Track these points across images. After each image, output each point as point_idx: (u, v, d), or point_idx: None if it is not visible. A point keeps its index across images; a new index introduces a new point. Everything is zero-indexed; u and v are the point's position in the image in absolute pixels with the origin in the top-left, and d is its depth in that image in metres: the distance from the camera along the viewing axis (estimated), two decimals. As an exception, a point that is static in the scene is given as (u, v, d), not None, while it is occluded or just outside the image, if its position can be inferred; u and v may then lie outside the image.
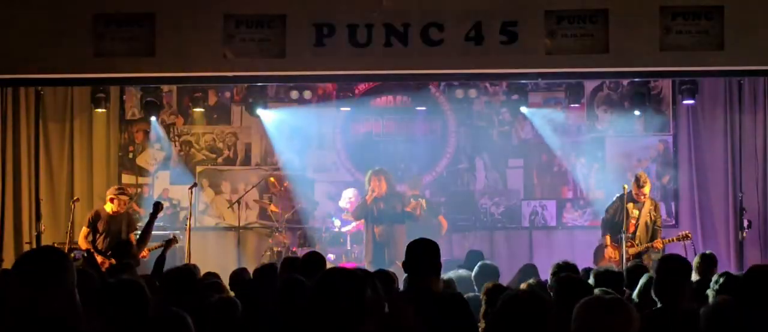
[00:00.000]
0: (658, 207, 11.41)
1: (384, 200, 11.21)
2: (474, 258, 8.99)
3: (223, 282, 7.03)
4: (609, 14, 9.74)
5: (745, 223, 11.78)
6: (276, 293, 5.22)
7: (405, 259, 5.10)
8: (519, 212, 13.41)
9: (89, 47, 9.90)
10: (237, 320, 5.01)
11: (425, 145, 13.44)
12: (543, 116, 13.09)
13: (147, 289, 4.00)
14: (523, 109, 12.86)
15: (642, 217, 11.13)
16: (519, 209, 13.42)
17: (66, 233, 10.99)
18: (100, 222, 10.77)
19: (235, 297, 5.66)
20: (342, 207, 12.53)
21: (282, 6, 9.90)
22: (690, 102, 12.52)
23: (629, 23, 9.74)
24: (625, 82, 12.75)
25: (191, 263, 7.96)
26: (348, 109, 13.06)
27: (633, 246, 10.93)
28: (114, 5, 9.94)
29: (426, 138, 13.49)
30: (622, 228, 10.85)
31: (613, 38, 9.73)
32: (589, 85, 13.07)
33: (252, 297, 6.03)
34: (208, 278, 6.97)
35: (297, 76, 10.91)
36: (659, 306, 5.06)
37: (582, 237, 12.45)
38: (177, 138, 13.52)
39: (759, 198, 12.75)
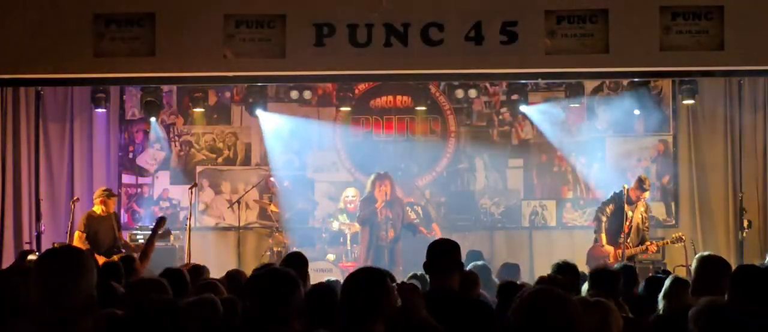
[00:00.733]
0: (648, 210, 11.41)
1: (388, 206, 11.18)
2: (473, 258, 8.98)
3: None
4: (609, 14, 9.74)
5: (745, 223, 11.79)
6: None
7: (426, 259, 5.06)
8: (519, 212, 13.41)
9: (89, 47, 9.90)
10: (215, 321, 4.96)
11: (425, 145, 13.44)
12: (542, 112, 13.05)
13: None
14: (523, 108, 12.84)
15: (635, 219, 11.14)
16: (519, 209, 13.42)
17: (66, 233, 10.99)
18: (92, 224, 10.78)
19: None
20: (341, 209, 12.50)
21: (282, 6, 9.90)
22: (690, 102, 12.52)
23: (629, 23, 9.74)
24: (625, 81, 12.75)
25: (198, 264, 7.92)
26: (348, 109, 13.07)
27: (629, 247, 10.93)
28: (114, 5, 9.94)
29: (426, 138, 13.49)
30: (620, 228, 10.86)
31: (613, 38, 9.72)
32: (589, 85, 13.07)
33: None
34: (199, 276, 6.93)
35: (297, 76, 10.91)
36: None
37: (582, 237, 12.43)
38: (177, 138, 13.52)
39: (759, 198, 12.75)
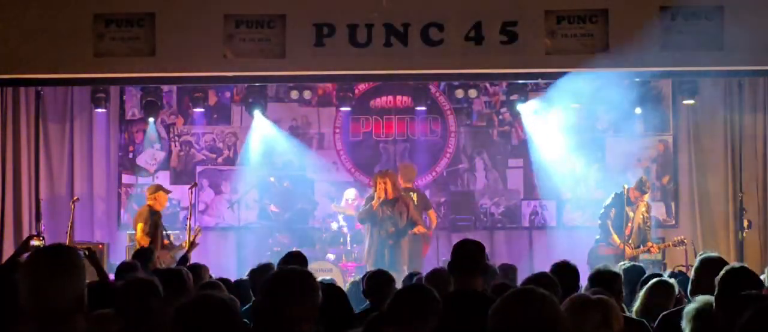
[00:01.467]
0: (650, 210, 11.40)
1: (390, 204, 11.14)
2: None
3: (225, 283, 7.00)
4: (609, 14, 9.74)
5: (745, 223, 11.79)
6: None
7: (450, 260, 5.06)
8: (519, 212, 13.41)
9: (89, 47, 9.91)
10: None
11: (425, 145, 13.44)
12: (534, 111, 12.86)
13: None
14: (520, 107, 12.66)
15: (636, 220, 11.14)
16: (519, 209, 13.42)
17: (66, 233, 10.99)
18: (154, 219, 10.95)
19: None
20: (340, 210, 12.49)
21: (282, 6, 9.91)
22: (690, 102, 12.52)
23: (629, 23, 9.75)
24: (625, 81, 12.73)
25: (198, 263, 7.92)
26: (348, 109, 13.07)
27: (630, 248, 10.93)
28: (114, 5, 9.94)
29: (426, 138, 13.49)
30: (621, 229, 10.86)
31: (613, 38, 9.73)
32: (589, 85, 13.04)
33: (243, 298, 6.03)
34: (198, 278, 6.93)
35: (297, 76, 10.91)
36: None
37: (582, 238, 12.43)
38: (177, 138, 13.52)
39: (759, 198, 12.75)
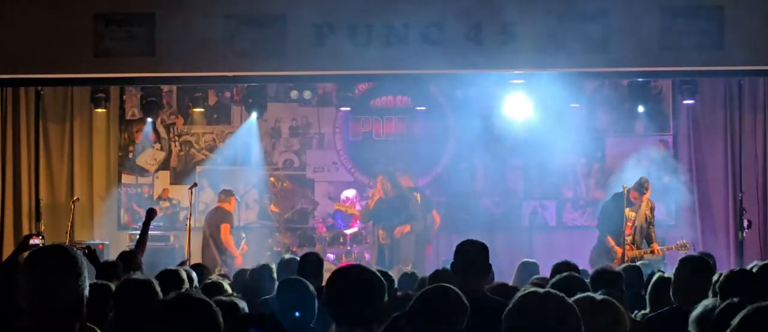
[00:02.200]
0: (653, 210, 11.39)
1: (388, 202, 11.17)
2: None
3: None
4: (609, 14, 9.74)
5: (745, 223, 11.78)
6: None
7: (453, 260, 5.04)
8: (519, 212, 13.41)
9: (89, 47, 9.90)
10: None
11: (425, 145, 13.44)
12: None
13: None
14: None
15: (638, 220, 11.13)
16: (519, 209, 13.42)
17: (66, 233, 11.00)
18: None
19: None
20: (338, 210, 12.52)
21: (282, 6, 9.91)
22: (690, 102, 12.52)
23: (629, 23, 9.74)
24: (625, 81, 12.75)
25: (196, 262, 7.93)
26: (348, 109, 13.07)
27: (632, 249, 10.93)
28: (114, 5, 9.94)
29: (426, 138, 13.48)
30: (619, 229, 10.87)
31: (613, 38, 9.73)
32: (589, 85, 13.06)
33: (248, 297, 6.02)
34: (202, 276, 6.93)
35: (297, 76, 10.91)
36: (675, 305, 5.07)
37: (582, 237, 12.43)
38: (177, 138, 13.52)
39: (759, 198, 12.75)
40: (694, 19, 9.74)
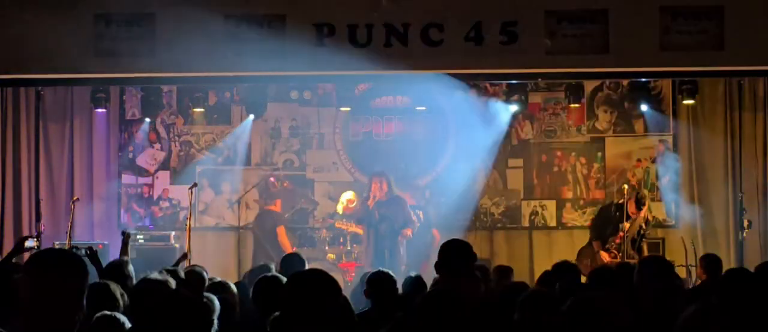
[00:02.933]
0: (649, 222, 11.43)
1: (385, 204, 11.16)
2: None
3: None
4: (609, 14, 9.74)
5: (745, 223, 11.79)
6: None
7: (437, 260, 5.03)
8: (519, 212, 13.41)
9: (89, 47, 9.90)
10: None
11: (425, 145, 13.43)
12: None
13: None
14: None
15: (630, 232, 11.16)
16: (519, 209, 13.42)
17: (66, 233, 10.99)
18: None
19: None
20: (339, 212, 12.51)
21: (282, 6, 9.90)
22: (690, 102, 12.52)
23: (629, 23, 9.74)
24: (625, 81, 12.75)
25: (198, 265, 7.91)
26: (348, 109, 13.06)
27: (618, 256, 11.01)
28: (114, 5, 9.93)
29: (426, 138, 13.48)
30: (610, 236, 10.94)
31: (613, 38, 9.72)
32: (589, 85, 13.06)
33: (242, 299, 6.03)
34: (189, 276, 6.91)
35: (297, 76, 10.91)
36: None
37: (582, 238, 12.43)
38: (177, 138, 13.52)
39: (759, 198, 12.74)
40: (694, 19, 9.74)
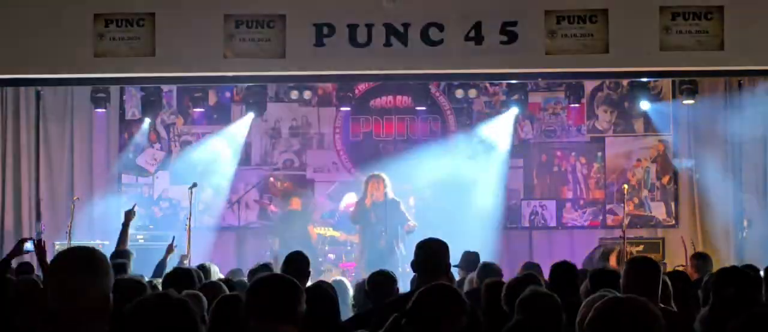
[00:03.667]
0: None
1: (381, 206, 11.16)
2: (470, 259, 8.97)
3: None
4: (609, 14, 9.74)
5: (745, 223, 11.79)
6: None
7: (414, 258, 5.03)
8: (519, 212, 13.40)
9: (89, 47, 9.90)
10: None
11: (425, 145, 13.43)
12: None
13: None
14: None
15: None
16: (519, 209, 13.41)
17: (66, 233, 10.99)
18: None
19: None
20: (341, 210, 12.54)
21: (282, 6, 9.91)
22: (690, 102, 12.52)
23: (629, 23, 9.75)
24: (625, 81, 12.75)
25: (205, 263, 7.92)
26: (348, 109, 13.06)
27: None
28: (114, 5, 9.94)
29: (426, 138, 13.48)
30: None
31: (613, 38, 9.73)
32: (589, 85, 13.06)
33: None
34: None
35: (297, 76, 10.91)
36: None
37: (582, 238, 12.44)
38: (177, 138, 13.51)
39: (759, 198, 12.74)
40: (694, 19, 9.75)
